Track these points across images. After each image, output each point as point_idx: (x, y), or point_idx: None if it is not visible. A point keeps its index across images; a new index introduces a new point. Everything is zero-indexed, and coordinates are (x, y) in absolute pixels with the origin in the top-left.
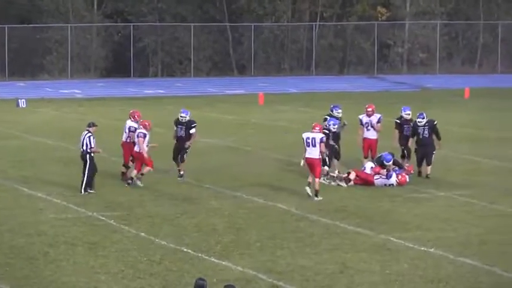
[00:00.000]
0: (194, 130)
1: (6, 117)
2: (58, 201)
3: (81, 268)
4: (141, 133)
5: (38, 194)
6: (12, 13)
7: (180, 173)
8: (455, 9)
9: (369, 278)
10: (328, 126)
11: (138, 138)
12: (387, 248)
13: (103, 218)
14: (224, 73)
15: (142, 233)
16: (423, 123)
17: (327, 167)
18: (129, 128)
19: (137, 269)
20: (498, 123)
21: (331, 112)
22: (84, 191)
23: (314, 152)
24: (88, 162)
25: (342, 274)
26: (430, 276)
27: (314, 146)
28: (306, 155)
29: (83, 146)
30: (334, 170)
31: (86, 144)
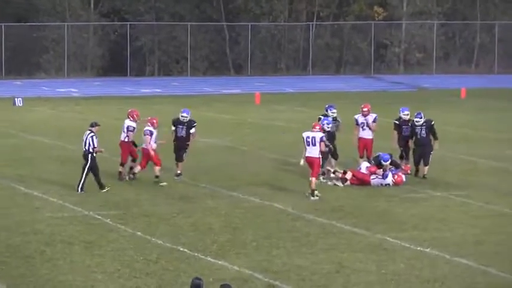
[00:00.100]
0: (194, 130)
1: (2, 115)
2: (54, 200)
3: (77, 267)
4: (147, 130)
5: (35, 193)
6: (8, 12)
7: (177, 172)
8: (452, 9)
9: (365, 278)
10: (322, 126)
11: (145, 136)
12: (383, 248)
13: (99, 217)
14: (221, 72)
15: (138, 232)
16: (421, 122)
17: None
18: (128, 128)
19: (133, 268)
20: (495, 123)
21: (326, 112)
22: (80, 190)
23: (314, 151)
24: (89, 162)
25: (338, 274)
26: (426, 276)
27: (314, 145)
28: (306, 154)
29: (86, 146)
30: (332, 168)
31: (89, 144)
